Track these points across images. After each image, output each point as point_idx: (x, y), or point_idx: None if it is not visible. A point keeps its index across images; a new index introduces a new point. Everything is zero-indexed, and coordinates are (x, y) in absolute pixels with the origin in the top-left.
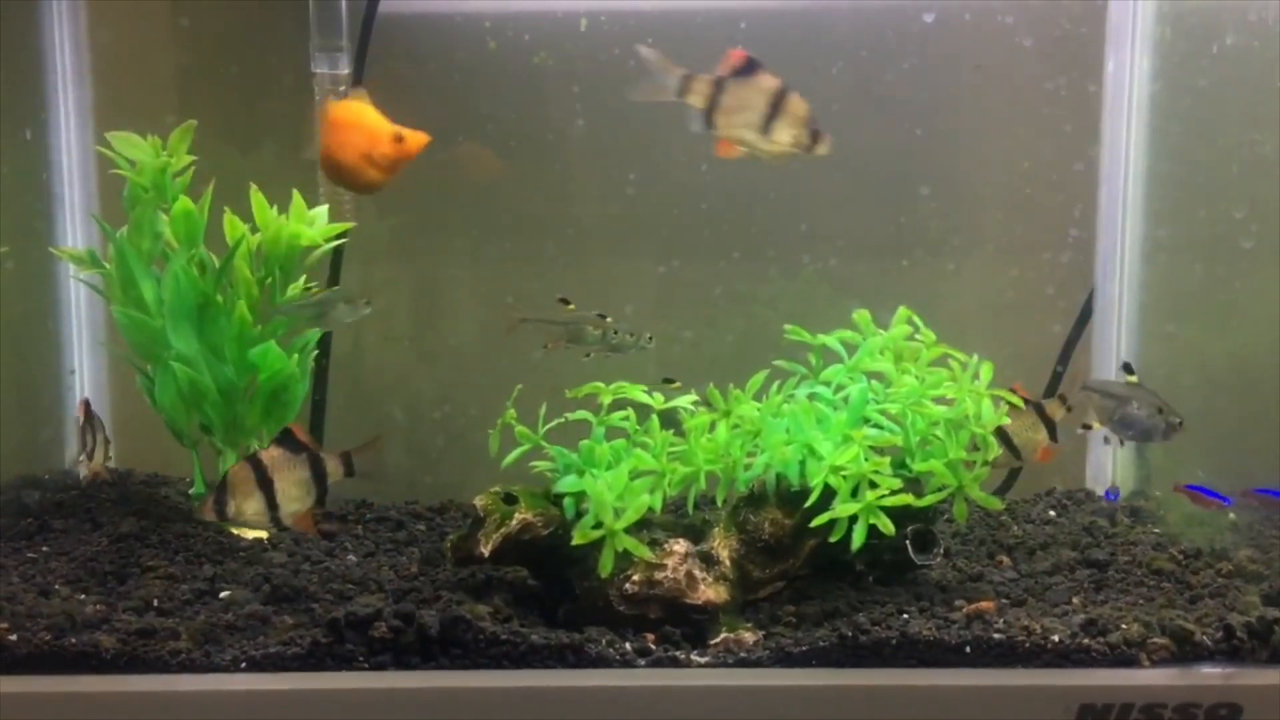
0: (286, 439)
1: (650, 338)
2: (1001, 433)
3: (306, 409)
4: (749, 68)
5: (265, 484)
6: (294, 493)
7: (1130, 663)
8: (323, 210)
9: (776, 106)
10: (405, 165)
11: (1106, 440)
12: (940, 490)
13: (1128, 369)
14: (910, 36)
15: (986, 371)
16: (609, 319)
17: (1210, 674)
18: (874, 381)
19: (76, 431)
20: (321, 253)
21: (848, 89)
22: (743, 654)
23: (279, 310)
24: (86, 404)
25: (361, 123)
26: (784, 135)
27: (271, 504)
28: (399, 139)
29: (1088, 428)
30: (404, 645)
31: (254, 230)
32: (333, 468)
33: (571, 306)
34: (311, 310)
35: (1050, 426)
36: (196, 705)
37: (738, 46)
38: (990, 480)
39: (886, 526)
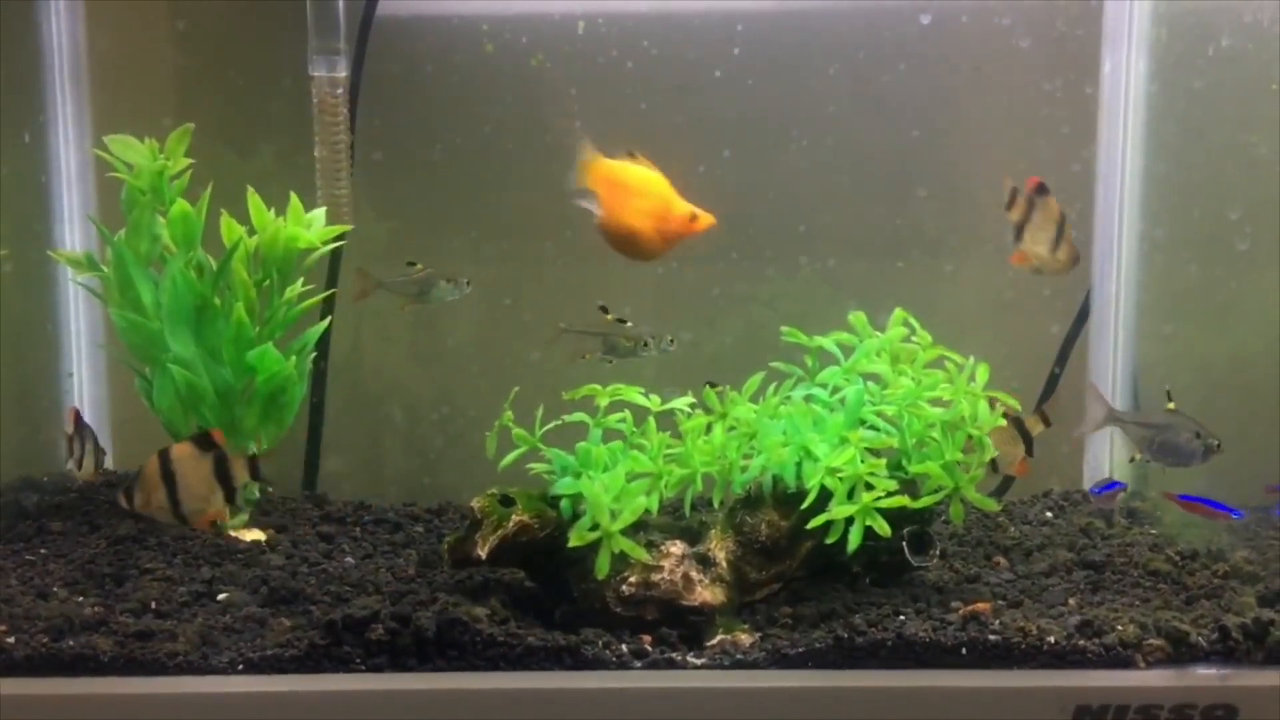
0: (201, 438)
1: (671, 340)
2: None
3: (305, 411)
4: (1043, 190)
5: (169, 479)
6: (198, 491)
7: (1126, 664)
8: (320, 213)
9: (1060, 228)
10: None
11: (1148, 462)
12: (936, 492)
13: (1167, 396)
14: (907, 38)
15: (982, 373)
16: (628, 323)
17: (1206, 675)
18: (870, 383)
19: (65, 441)
20: (319, 255)
21: (845, 90)
22: (739, 656)
23: (383, 285)
24: (77, 413)
25: (656, 192)
26: (1064, 254)
27: (176, 500)
28: (693, 218)
29: (1133, 459)
30: (401, 647)
31: (251, 233)
32: (239, 469)
33: (610, 316)
34: (414, 288)
35: (1028, 440)
36: (194, 707)
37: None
38: (987, 482)
39: (883, 528)
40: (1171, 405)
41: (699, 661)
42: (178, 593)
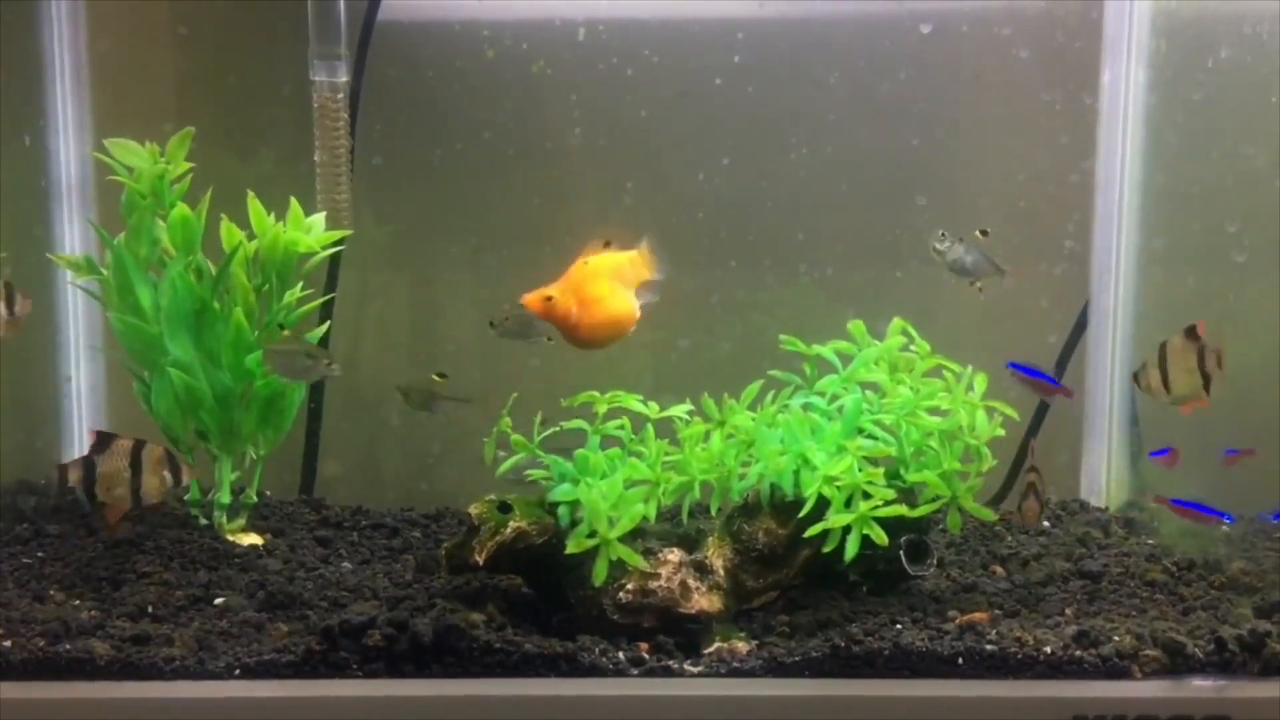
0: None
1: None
2: None
3: (303, 415)
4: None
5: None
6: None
7: (1122, 674)
8: (320, 217)
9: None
10: None
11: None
12: (934, 501)
13: (983, 233)
14: (907, 47)
15: (981, 383)
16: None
17: (1202, 686)
18: (869, 392)
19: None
20: (319, 260)
21: (845, 99)
22: (736, 663)
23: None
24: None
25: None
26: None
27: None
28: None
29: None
30: (397, 653)
31: (251, 237)
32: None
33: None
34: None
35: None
36: (190, 712)
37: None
38: (985, 490)
39: (880, 537)
40: (979, 234)
41: (696, 669)
42: (174, 597)
